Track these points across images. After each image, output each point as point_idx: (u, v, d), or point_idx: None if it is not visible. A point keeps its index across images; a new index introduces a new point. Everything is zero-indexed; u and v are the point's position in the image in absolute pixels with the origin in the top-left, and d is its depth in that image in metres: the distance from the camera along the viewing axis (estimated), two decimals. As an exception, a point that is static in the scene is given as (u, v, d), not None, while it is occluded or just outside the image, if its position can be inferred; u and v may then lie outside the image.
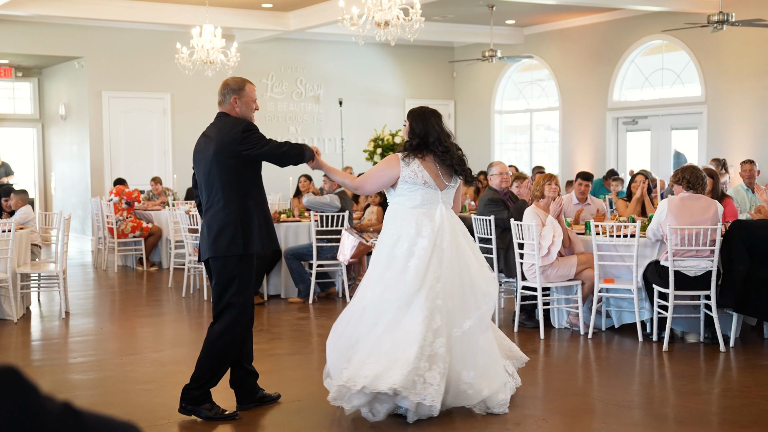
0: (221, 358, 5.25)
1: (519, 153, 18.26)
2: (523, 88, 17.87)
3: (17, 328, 8.43)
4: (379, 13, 9.02)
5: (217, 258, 5.21)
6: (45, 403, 1.33)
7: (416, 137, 5.41)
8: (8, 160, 17.20)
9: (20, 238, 9.03)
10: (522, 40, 17.15)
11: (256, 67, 16.48)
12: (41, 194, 17.89)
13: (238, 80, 5.39)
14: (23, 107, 17.82)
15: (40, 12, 13.52)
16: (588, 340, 7.62)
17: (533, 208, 7.80)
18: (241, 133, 5.13)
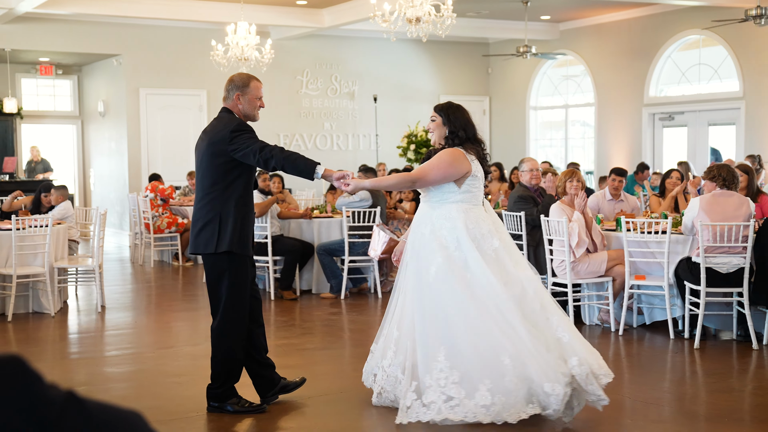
0: (229, 355, 5.27)
1: (554, 149, 18.17)
2: (558, 83, 17.78)
3: (54, 322, 8.58)
4: (410, 9, 9.04)
5: (203, 254, 5.26)
6: (48, 391, 1.36)
7: (459, 129, 5.20)
8: (49, 156, 17.49)
9: (57, 234, 9.18)
10: (557, 35, 17.06)
11: (291, 63, 16.59)
12: (80, 190, 18.16)
13: (244, 77, 5.35)
14: (63, 104, 18.10)
15: (80, 10, 13.74)
16: (619, 336, 7.58)
17: (559, 205, 7.78)
18: (230, 133, 5.07)
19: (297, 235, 10.07)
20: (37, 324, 8.49)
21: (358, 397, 5.59)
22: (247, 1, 13.59)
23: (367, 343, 7.47)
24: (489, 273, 5.01)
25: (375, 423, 5.18)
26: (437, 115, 5.31)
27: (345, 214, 9.63)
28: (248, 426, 5.20)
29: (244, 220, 5.21)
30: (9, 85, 16.55)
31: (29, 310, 8.97)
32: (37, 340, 7.89)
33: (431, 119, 5.39)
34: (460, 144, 5.21)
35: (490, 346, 4.91)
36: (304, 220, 10.11)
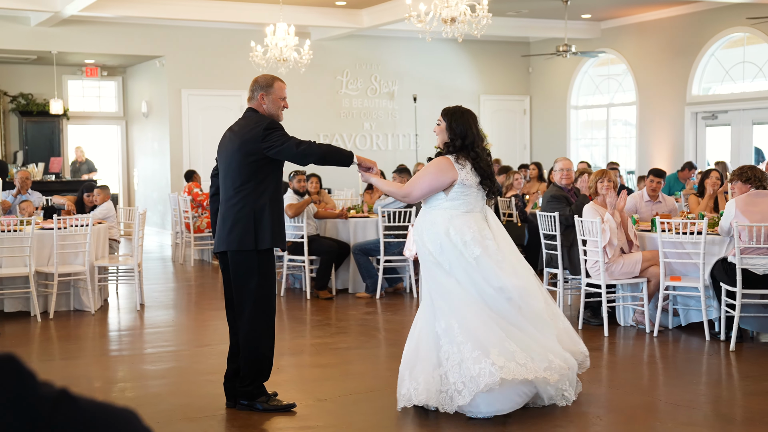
0: (258, 354, 5.32)
1: (595, 149, 18.03)
2: (599, 82, 17.64)
3: (94, 319, 8.74)
4: (445, 9, 9.05)
5: (232, 251, 5.29)
6: (41, 388, 1.40)
7: (458, 138, 5.29)
8: (94, 156, 17.80)
9: (98, 233, 9.35)
10: (599, 34, 16.93)
11: (331, 64, 16.68)
12: (124, 190, 18.44)
13: (268, 78, 5.43)
14: (108, 105, 18.40)
15: (124, 13, 13.97)
16: (653, 338, 7.52)
17: (591, 205, 7.73)
18: (263, 131, 5.15)
19: (333, 235, 10.14)
20: (78, 321, 8.66)
21: (387, 397, 5.61)
22: (287, 2, 13.69)
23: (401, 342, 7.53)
24: (467, 280, 5.18)
25: (401, 422, 5.21)
26: (442, 119, 5.42)
27: (381, 215, 9.67)
28: (275, 424, 5.25)
29: (279, 217, 5.34)
30: (55, 86, 16.85)
31: (70, 308, 9.15)
32: (77, 338, 8.04)
33: (437, 122, 5.48)
34: (455, 152, 5.30)
35: None
36: (340, 220, 10.17)
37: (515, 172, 12.03)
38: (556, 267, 8.25)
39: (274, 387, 5.69)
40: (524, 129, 18.83)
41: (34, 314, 8.66)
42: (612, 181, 7.71)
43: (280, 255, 10.17)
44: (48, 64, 16.72)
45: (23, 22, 14.61)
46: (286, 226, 9.62)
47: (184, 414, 5.45)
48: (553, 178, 8.55)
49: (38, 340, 7.95)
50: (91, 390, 6.10)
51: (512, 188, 11.73)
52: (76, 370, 6.77)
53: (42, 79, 17.14)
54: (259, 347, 5.34)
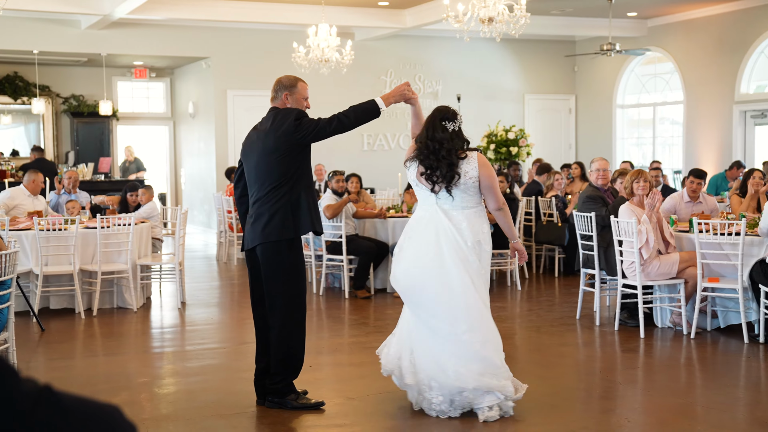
0: (288, 350, 5.36)
1: (642, 148, 17.84)
2: (646, 81, 17.44)
3: (136, 317, 8.91)
4: (483, 9, 9.04)
5: (268, 244, 5.29)
6: (23, 384, 1.47)
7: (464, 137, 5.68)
8: (143, 156, 18.10)
9: (141, 232, 9.53)
10: (645, 32, 16.74)
11: (375, 64, 16.74)
12: (172, 189, 18.72)
13: (291, 78, 5.51)
14: (157, 106, 18.70)
15: (171, 15, 14.20)
16: (690, 340, 7.44)
17: (627, 205, 7.68)
18: (294, 122, 5.23)
19: (372, 234, 10.19)
20: (121, 318, 8.84)
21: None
22: (329, 3, 13.78)
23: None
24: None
25: (427, 422, 5.24)
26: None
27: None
28: (302, 422, 5.31)
29: (314, 199, 5.45)
30: (104, 88, 17.17)
31: (114, 306, 9.34)
32: (118, 334, 8.21)
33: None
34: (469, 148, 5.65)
35: None
36: (379, 220, 10.22)
37: (556, 173, 11.97)
38: (593, 268, 8.20)
39: (308, 385, 5.77)
40: (569, 128, 18.69)
41: (78, 311, 8.86)
42: (648, 181, 7.65)
43: (319, 254, 10.26)
44: (97, 66, 17.05)
45: (74, 25, 14.92)
46: (325, 225, 9.75)
47: (216, 411, 5.54)
48: (590, 178, 8.50)
49: (82, 336, 8.12)
50: (130, 386, 6.25)
51: (553, 188, 11.67)
52: (115, 367, 6.93)
53: (92, 80, 17.49)
54: (291, 344, 5.38)
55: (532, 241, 11.91)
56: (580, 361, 6.97)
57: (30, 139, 17.61)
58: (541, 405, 5.52)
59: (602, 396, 5.92)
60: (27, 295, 8.81)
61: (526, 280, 11.09)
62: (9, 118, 17.54)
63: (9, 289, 5.64)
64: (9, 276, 5.58)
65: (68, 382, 6.39)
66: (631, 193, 7.70)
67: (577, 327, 8.14)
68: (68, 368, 6.90)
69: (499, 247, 10.38)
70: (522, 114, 18.12)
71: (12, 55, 16.08)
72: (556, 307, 9.26)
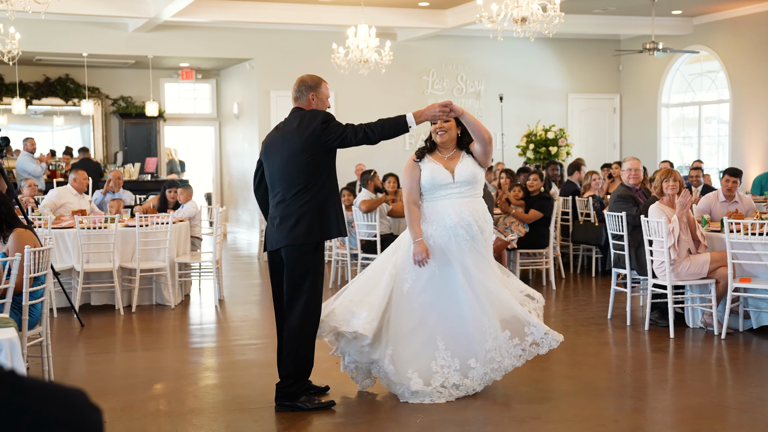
0: (303, 353, 5.41)
1: (687, 147, 17.63)
2: (691, 80, 17.23)
3: (174, 313, 9.11)
4: (516, 9, 9.06)
5: (293, 246, 5.32)
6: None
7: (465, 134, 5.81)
8: (189, 156, 18.43)
9: (179, 230, 9.73)
10: (691, 30, 16.55)
11: (417, 64, 16.80)
12: (217, 189, 19.00)
13: (315, 78, 5.55)
14: (203, 107, 19.00)
15: (215, 18, 14.45)
16: (721, 340, 7.38)
17: (657, 205, 7.64)
18: (321, 124, 5.24)
19: (407, 233, 10.26)
20: (159, 315, 9.04)
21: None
22: (370, 3, 13.89)
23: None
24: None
25: (447, 418, 5.30)
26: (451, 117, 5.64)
27: (453, 214, 9.75)
28: (321, 417, 5.40)
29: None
30: (151, 89, 17.51)
31: (153, 302, 9.56)
32: (155, 330, 8.40)
33: (447, 120, 5.68)
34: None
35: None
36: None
37: (593, 172, 11.92)
38: (624, 267, 8.18)
39: (334, 381, 5.88)
40: (614, 128, 18.55)
41: (118, 308, 9.08)
42: (678, 180, 7.60)
43: (355, 253, 10.37)
44: (144, 68, 17.40)
45: (121, 28, 15.24)
46: (359, 224, 9.85)
47: (239, 405, 5.67)
48: (621, 177, 8.48)
49: (121, 332, 8.33)
50: (160, 380, 6.41)
51: (590, 188, 11.63)
52: (148, 362, 7.11)
53: (140, 82, 17.84)
54: (305, 346, 5.42)
55: (569, 241, 11.88)
56: (605, 360, 6.96)
57: (84, 140, 18.04)
58: (563, 402, 5.55)
59: (621, 394, 5.91)
60: (69, 291, 9.07)
61: (563, 280, 11.07)
62: (62, 119, 17.97)
63: (43, 284, 5.82)
64: (43, 272, 5.77)
65: (100, 375, 6.59)
66: (661, 192, 7.67)
67: (608, 327, 8.12)
68: (103, 362, 7.09)
69: (533, 247, 10.39)
70: (565, 113, 18.04)
71: (63, 58, 16.49)
72: (588, 306, 9.24)
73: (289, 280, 5.41)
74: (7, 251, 5.68)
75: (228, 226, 18.39)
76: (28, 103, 17.21)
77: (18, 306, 5.62)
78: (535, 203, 10.25)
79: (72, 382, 6.28)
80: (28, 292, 5.55)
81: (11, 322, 4.05)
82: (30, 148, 15.15)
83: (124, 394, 5.97)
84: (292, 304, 5.40)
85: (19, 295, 5.58)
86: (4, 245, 5.81)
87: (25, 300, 5.55)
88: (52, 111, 17.89)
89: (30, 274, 5.53)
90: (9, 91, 16.99)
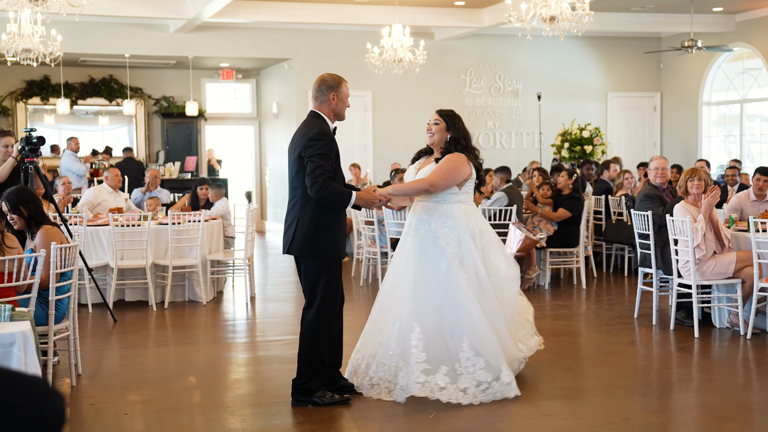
0: (315, 353, 5.50)
1: (729, 146, 17.41)
2: (733, 78, 17.01)
3: (205, 310, 9.27)
4: (544, 8, 9.06)
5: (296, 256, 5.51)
6: None
7: (461, 138, 5.71)
8: (231, 155, 18.67)
9: (211, 228, 9.90)
10: (733, 27, 16.33)
11: (454, 63, 16.83)
12: (257, 187, 19.22)
13: (335, 77, 5.58)
14: (243, 106, 19.24)
15: (253, 18, 14.65)
16: (747, 340, 7.32)
17: (682, 204, 7.60)
18: (308, 141, 5.29)
19: (436, 232, 10.31)
20: (191, 311, 9.21)
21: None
22: (405, 3, 13.95)
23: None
24: (481, 267, 5.61)
25: (460, 414, 5.35)
26: (441, 119, 5.73)
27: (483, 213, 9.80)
28: (336, 412, 5.48)
29: (340, 225, 5.47)
30: (191, 89, 17.77)
31: (185, 299, 9.74)
32: (186, 326, 8.56)
33: (434, 122, 5.76)
34: (462, 150, 5.66)
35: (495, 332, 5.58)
36: (444, 218, 10.34)
37: (626, 171, 11.86)
38: (650, 266, 8.14)
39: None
40: (654, 126, 18.38)
41: (151, 304, 9.27)
42: (702, 179, 7.55)
43: (385, 251, 10.44)
44: (184, 68, 17.67)
45: (162, 29, 15.50)
46: (389, 223, 9.92)
47: (257, 399, 5.79)
48: (649, 176, 8.44)
49: (153, 327, 8.52)
50: (183, 375, 6.55)
51: (622, 187, 11.57)
52: (175, 357, 7.28)
53: (182, 82, 18.12)
54: (319, 343, 5.52)
55: (602, 240, 11.83)
56: (626, 359, 6.93)
57: (130, 140, 18.39)
58: (577, 399, 5.58)
59: (637, 392, 5.90)
60: (104, 287, 9.29)
61: (594, 279, 11.03)
62: (107, 119, 18.33)
63: (69, 280, 5.99)
64: (69, 268, 5.94)
65: (127, 369, 6.76)
66: (686, 191, 7.63)
67: (633, 326, 8.10)
68: (133, 356, 7.26)
69: (563, 246, 10.38)
70: (604, 112, 17.92)
71: (106, 59, 16.82)
72: (616, 306, 9.21)
73: (303, 283, 5.57)
74: (35, 247, 5.87)
75: (266, 224, 18.60)
76: (74, 103, 17.59)
77: (45, 301, 5.80)
78: (565, 202, 10.23)
79: (102, 375, 6.50)
80: (54, 287, 5.72)
81: (27, 315, 4.20)
82: (74, 148, 15.49)
83: (149, 387, 6.12)
84: (307, 305, 5.54)
85: (46, 290, 5.75)
86: (33, 242, 6.01)
87: (52, 295, 5.72)
88: (99, 111, 18.26)
89: (56, 269, 5.70)
90: (55, 92, 17.39)
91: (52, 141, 17.64)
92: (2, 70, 16.11)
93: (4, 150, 8.17)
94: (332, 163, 5.35)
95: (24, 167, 7.88)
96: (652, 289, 8.19)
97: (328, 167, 5.27)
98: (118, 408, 5.64)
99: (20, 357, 3.79)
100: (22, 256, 5.30)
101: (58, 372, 6.45)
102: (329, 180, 5.25)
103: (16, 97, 17.52)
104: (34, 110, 17.80)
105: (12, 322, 4.00)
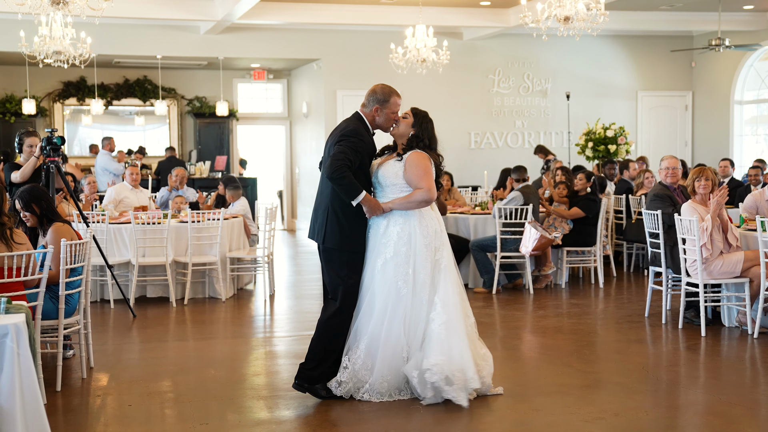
0: (333, 344, 5.60)
1: (761, 145, 17.22)
2: (765, 76, 16.82)
3: (225, 306, 9.46)
4: (559, 9, 9.10)
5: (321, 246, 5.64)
6: None
7: (426, 137, 5.66)
8: (261, 154, 18.93)
9: (231, 226, 10.09)
10: (765, 25, 16.16)
11: (482, 63, 16.87)
12: (288, 186, 19.44)
13: (387, 90, 5.63)
14: (275, 106, 19.48)
15: (281, 19, 14.86)
16: (754, 340, 7.31)
17: (690, 204, 7.61)
18: (341, 135, 5.48)
19: (453, 231, 10.39)
20: (211, 307, 9.41)
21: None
22: (431, 3, 14.03)
23: (513, 336, 7.72)
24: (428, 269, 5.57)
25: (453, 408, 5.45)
26: (411, 115, 5.70)
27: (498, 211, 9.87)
28: (332, 405, 5.60)
29: (350, 219, 5.56)
30: (222, 89, 18.04)
31: (205, 295, 9.94)
32: (206, 322, 8.75)
33: (404, 116, 5.72)
34: (423, 149, 5.63)
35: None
36: (461, 217, 10.45)
37: (647, 171, 11.83)
38: (660, 265, 8.16)
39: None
40: (686, 125, 18.24)
41: (172, 300, 9.49)
42: (710, 179, 7.56)
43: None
44: (215, 68, 17.94)
45: (194, 30, 15.76)
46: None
47: (258, 393, 5.94)
48: (659, 176, 8.45)
49: (172, 322, 8.72)
50: (190, 369, 6.73)
51: (643, 187, 11.55)
52: (186, 351, 7.47)
53: (214, 82, 18.40)
54: (338, 333, 5.61)
55: (623, 239, 11.83)
56: (631, 356, 6.95)
57: (172, 140, 18.73)
58: (569, 396, 5.64)
59: (631, 389, 5.94)
60: (124, 283, 9.52)
61: (613, 278, 11.03)
62: (143, 119, 18.69)
63: (80, 276, 6.19)
64: (80, 264, 6.14)
65: (139, 363, 6.95)
66: (693, 191, 7.64)
67: (643, 324, 8.13)
68: (147, 350, 7.46)
69: (579, 245, 10.41)
70: (635, 111, 17.84)
71: (139, 60, 17.16)
72: (629, 304, 9.23)
73: (327, 271, 5.68)
74: (46, 244, 6.09)
75: (297, 222, 18.80)
76: (108, 103, 17.97)
77: (56, 296, 6.00)
78: (580, 202, 10.27)
79: (119, 369, 6.67)
80: (64, 282, 5.93)
81: (23, 309, 4.39)
82: (110, 148, 15.83)
83: (157, 380, 6.30)
84: (333, 294, 5.63)
85: (57, 286, 5.96)
86: (44, 238, 6.23)
87: (62, 290, 5.93)
88: (134, 111, 18.63)
89: (66, 265, 5.90)
90: (91, 93, 17.77)
91: (91, 141, 18.08)
92: (39, 72, 16.50)
93: (29, 150, 8.44)
94: (357, 158, 5.48)
95: (45, 167, 8.13)
96: (661, 287, 8.20)
97: (351, 157, 5.42)
98: (124, 399, 5.82)
99: (13, 348, 3.97)
100: (30, 251, 5.50)
101: (71, 365, 6.66)
102: (347, 168, 5.38)
103: (54, 98, 17.93)
104: (72, 111, 18.21)
105: (7, 314, 4.19)
